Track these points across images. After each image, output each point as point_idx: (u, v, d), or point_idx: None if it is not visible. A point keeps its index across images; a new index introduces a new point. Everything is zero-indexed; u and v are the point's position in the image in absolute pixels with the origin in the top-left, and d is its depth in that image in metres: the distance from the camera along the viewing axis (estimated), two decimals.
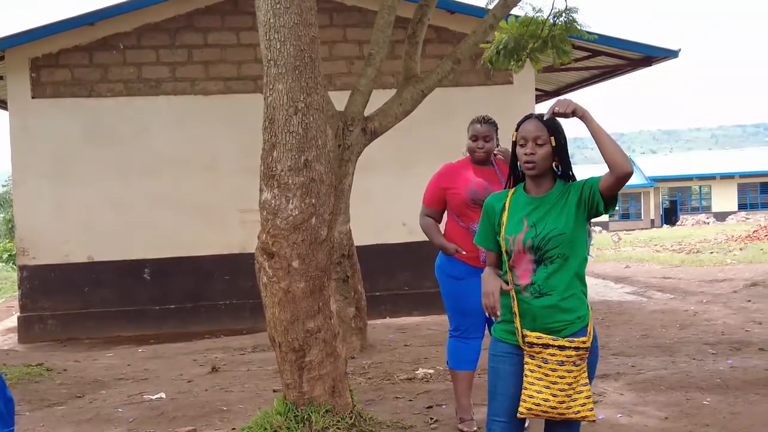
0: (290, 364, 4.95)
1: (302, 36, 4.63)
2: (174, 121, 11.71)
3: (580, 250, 3.26)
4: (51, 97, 11.45)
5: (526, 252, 3.26)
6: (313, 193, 4.73)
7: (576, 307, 3.24)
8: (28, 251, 11.46)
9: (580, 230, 3.26)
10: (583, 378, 3.20)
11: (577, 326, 3.23)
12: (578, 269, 3.26)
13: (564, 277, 3.23)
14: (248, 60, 11.81)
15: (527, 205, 3.31)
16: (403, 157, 11.81)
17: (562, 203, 3.26)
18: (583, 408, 3.19)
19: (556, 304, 3.22)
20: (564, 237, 3.21)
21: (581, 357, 3.19)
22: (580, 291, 3.27)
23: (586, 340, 3.20)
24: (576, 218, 3.23)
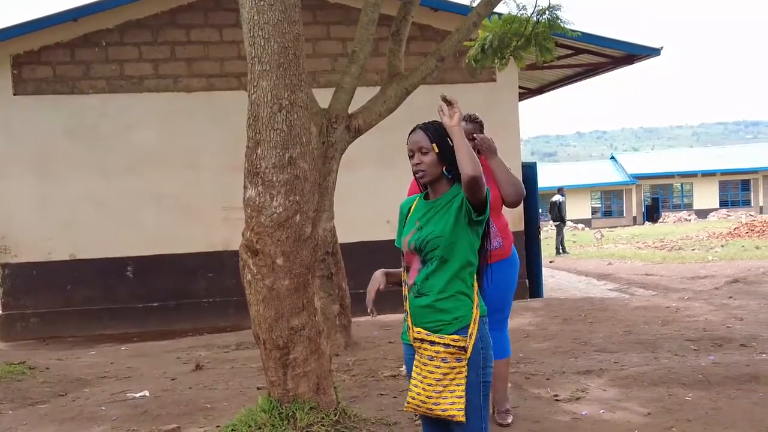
0: (275, 362, 4.95)
1: (286, 33, 4.63)
2: (157, 118, 11.66)
3: (461, 254, 3.29)
4: (33, 93, 11.38)
5: (413, 252, 3.39)
6: (298, 190, 4.73)
7: (453, 308, 3.28)
8: (9, 249, 11.39)
9: (462, 234, 3.29)
10: (458, 378, 3.22)
11: (455, 326, 3.25)
12: (459, 271, 3.30)
13: (441, 278, 3.29)
14: (231, 57, 11.78)
15: (423, 208, 3.45)
16: (387, 154, 11.82)
17: (447, 207, 3.34)
18: (452, 407, 3.21)
19: (432, 304, 3.28)
20: (441, 240, 3.28)
21: (454, 356, 3.22)
22: (461, 293, 3.30)
23: (459, 339, 3.22)
24: (456, 222, 3.29)
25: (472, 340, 3.25)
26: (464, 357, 3.23)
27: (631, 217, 52.04)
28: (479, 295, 3.37)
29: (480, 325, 3.31)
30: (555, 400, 5.75)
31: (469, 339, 3.25)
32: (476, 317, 3.30)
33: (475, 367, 3.27)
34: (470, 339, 3.25)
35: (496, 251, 5.05)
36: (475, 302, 3.33)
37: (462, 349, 3.23)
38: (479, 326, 3.30)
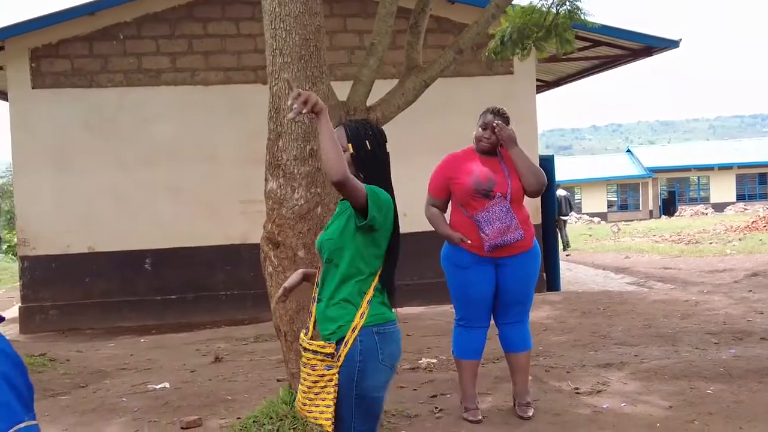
0: (296, 354, 4.96)
1: (307, 25, 4.63)
2: (174, 111, 11.69)
3: (349, 260, 3.16)
4: (51, 87, 11.42)
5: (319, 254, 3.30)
6: (319, 182, 4.73)
7: (338, 317, 3.15)
8: (29, 242, 11.45)
9: (349, 239, 3.16)
10: (329, 387, 3.11)
11: (337, 336, 3.13)
12: (347, 278, 3.16)
13: (331, 283, 3.20)
14: (248, 50, 11.79)
15: (338, 209, 3.34)
16: (404, 147, 11.77)
17: (345, 211, 3.23)
18: (321, 416, 3.12)
19: (323, 312, 3.21)
20: (331, 242, 3.19)
21: (323, 363, 3.12)
22: (346, 300, 3.16)
23: (325, 345, 3.12)
24: (345, 226, 3.18)
25: (346, 348, 3.10)
26: (335, 365, 3.10)
27: (648, 211, 51.78)
28: (372, 304, 3.17)
29: (365, 336, 3.12)
30: (576, 393, 5.73)
31: (343, 347, 3.09)
32: (357, 326, 3.12)
33: (348, 379, 3.11)
34: (344, 347, 3.09)
35: (518, 243, 5.04)
36: (360, 311, 3.15)
37: (329, 356, 3.10)
38: (362, 336, 3.11)
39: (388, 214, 3.19)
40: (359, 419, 3.15)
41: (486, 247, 5.02)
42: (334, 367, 3.10)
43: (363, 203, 3.04)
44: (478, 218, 5.03)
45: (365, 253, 3.17)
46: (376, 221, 3.10)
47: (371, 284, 3.19)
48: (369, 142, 3.21)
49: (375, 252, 3.20)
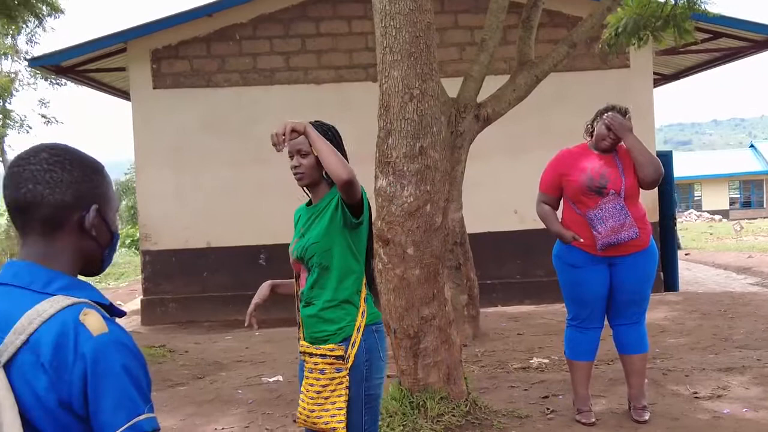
0: (405, 351, 4.97)
1: (418, 22, 4.62)
2: (287, 109, 11.84)
3: (340, 260, 3.17)
4: (171, 87, 11.80)
5: (299, 262, 3.27)
6: (428, 179, 4.72)
7: (338, 318, 3.16)
8: (150, 237, 11.89)
9: (337, 238, 3.16)
10: (339, 389, 3.11)
11: (339, 337, 3.14)
12: (341, 279, 3.17)
13: (325, 286, 3.18)
14: (359, 48, 11.88)
15: (305, 215, 3.33)
16: (515, 143, 11.66)
17: (323, 212, 3.22)
18: (333, 419, 3.09)
19: (317, 314, 3.18)
20: (318, 246, 3.16)
21: (333, 366, 3.11)
22: (345, 301, 3.17)
23: (335, 348, 3.12)
24: (329, 226, 3.17)
25: (354, 349, 3.12)
26: (344, 367, 3.11)
27: None
28: (368, 302, 3.23)
29: (367, 335, 3.17)
30: (694, 398, 5.53)
31: (351, 348, 3.12)
32: (360, 326, 3.16)
33: (357, 379, 3.13)
34: (352, 348, 3.12)
35: (633, 242, 4.90)
36: (360, 310, 3.18)
37: (340, 358, 3.11)
38: (365, 335, 3.16)
39: (368, 206, 3.23)
40: (369, 418, 3.18)
41: (599, 245, 4.90)
42: (344, 370, 3.11)
43: (359, 200, 3.09)
44: (591, 216, 4.91)
45: (355, 249, 3.20)
46: (364, 216, 3.17)
47: (363, 281, 3.23)
48: (331, 141, 3.23)
49: (362, 247, 3.24)
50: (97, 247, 1.71)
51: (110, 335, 1.55)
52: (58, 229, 1.64)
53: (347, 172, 2.98)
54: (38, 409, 1.52)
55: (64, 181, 1.63)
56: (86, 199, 1.66)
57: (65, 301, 1.56)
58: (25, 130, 25.52)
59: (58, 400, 1.52)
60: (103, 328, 1.54)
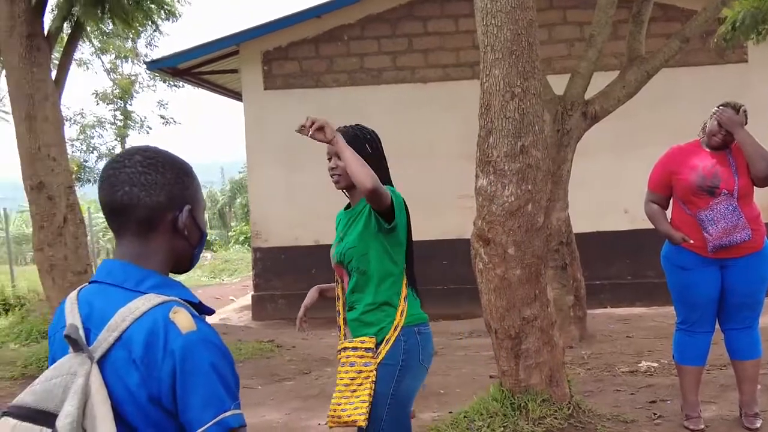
0: (506, 351, 4.93)
1: (519, 20, 4.57)
2: (394, 109, 11.96)
3: (377, 263, 3.17)
4: (281, 88, 12.05)
5: (340, 266, 3.27)
6: (530, 179, 4.67)
7: (378, 321, 3.16)
8: (261, 234, 12.17)
9: (372, 243, 3.17)
10: (366, 383, 3.08)
11: (378, 338, 3.14)
12: (380, 282, 3.17)
13: (365, 290, 3.18)
14: (466, 47, 11.83)
15: (344, 219, 3.36)
16: (625, 141, 11.38)
17: (360, 215, 3.23)
18: (355, 412, 3.07)
19: (358, 318, 3.19)
20: (355, 251, 3.17)
21: (362, 359, 3.11)
22: (385, 303, 3.17)
23: (366, 340, 3.12)
24: (364, 231, 3.18)
25: (388, 346, 3.11)
26: (373, 361, 3.09)
27: None
28: (410, 303, 3.21)
29: (408, 336, 3.14)
30: None
31: (384, 345, 3.11)
32: (399, 324, 3.14)
33: (388, 377, 3.10)
34: (385, 345, 3.11)
35: (746, 244, 4.71)
36: (399, 310, 3.16)
37: (369, 351, 3.10)
38: (406, 336, 3.13)
39: (403, 211, 3.21)
40: (389, 419, 3.12)
41: (710, 247, 4.72)
42: (372, 364, 3.10)
43: (389, 206, 3.09)
44: (702, 217, 4.74)
45: (392, 252, 3.20)
46: (398, 220, 3.16)
47: (403, 283, 3.22)
48: (368, 145, 3.26)
49: (401, 250, 3.23)
50: (188, 246, 1.77)
51: (198, 333, 1.60)
52: (152, 229, 1.71)
53: (370, 180, 2.97)
54: (130, 404, 1.59)
55: (158, 183, 1.70)
56: (179, 200, 1.73)
57: (156, 300, 1.62)
58: (145, 130, 26.53)
59: (148, 395, 1.58)
60: (192, 326, 1.60)
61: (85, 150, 25.72)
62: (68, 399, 1.53)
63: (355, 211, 3.29)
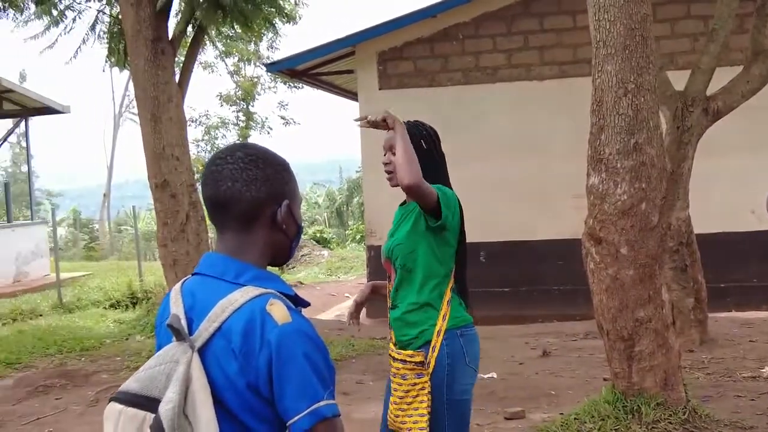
0: (619, 353, 4.84)
1: (633, 14, 4.48)
2: (509, 107, 11.87)
3: (423, 262, 3.11)
4: (396, 88, 12.14)
5: (388, 262, 3.23)
6: (643, 177, 4.56)
7: (419, 322, 3.10)
8: (375, 232, 12.30)
9: (420, 241, 3.12)
10: (421, 395, 3.04)
11: (419, 341, 3.09)
12: (424, 281, 3.12)
13: (409, 289, 3.14)
14: (584, 43, 11.55)
15: (398, 215, 3.32)
16: (752, 138, 10.91)
17: (411, 214, 3.18)
18: (415, 426, 3.02)
19: (401, 317, 3.15)
20: (402, 248, 3.14)
21: (413, 371, 3.06)
22: (428, 304, 3.11)
23: (414, 354, 3.06)
24: (414, 229, 3.13)
25: (435, 353, 3.05)
26: (425, 373, 3.04)
27: None
28: (453, 306, 3.14)
29: (450, 339, 3.08)
30: None
31: (431, 353, 3.05)
32: (441, 329, 3.07)
33: (438, 384, 3.05)
34: (432, 353, 3.05)
35: None
36: (442, 313, 3.10)
37: (420, 364, 3.05)
38: (448, 340, 3.07)
39: (456, 211, 3.16)
40: (452, 423, 3.07)
41: None
42: (425, 375, 3.05)
43: (434, 205, 3.03)
44: None
45: (439, 253, 3.14)
46: (447, 220, 3.09)
47: (448, 285, 3.15)
48: (424, 141, 3.22)
49: (448, 251, 3.17)
50: (286, 240, 1.83)
51: (293, 324, 1.66)
52: (252, 223, 1.78)
53: (409, 176, 2.96)
54: (229, 391, 1.66)
55: (259, 179, 1.76)
56: (278, 195, 1.79)
57: (254, 292, 1.69)
58: (266, 131, 27.19)
59: (246, 383, 1.65)
60: (287, 317, 1.66)
61: (209, 150, 26.58)
62: (170, 386, 1.61)
63: (407, 208, 3.28)
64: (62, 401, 7.19)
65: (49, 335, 9.93)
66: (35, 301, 13.61)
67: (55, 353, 9.08)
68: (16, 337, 10.07)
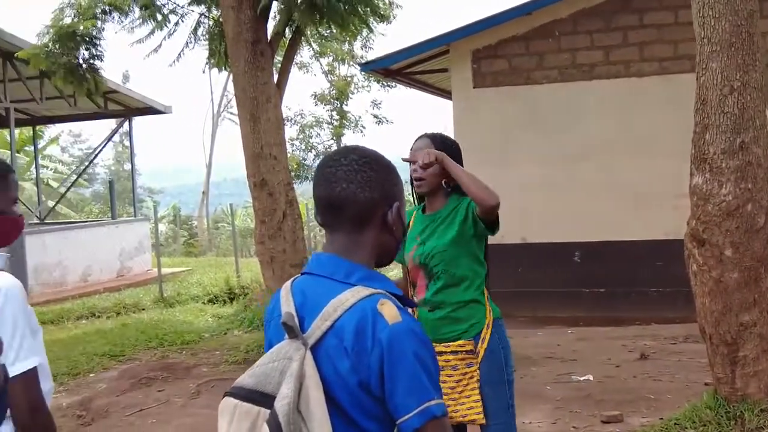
0: (722, 358, 4.72)
1: (739, 11, 4.35)
2: (606, 105, 11.66)
3: (466, 265, 3.36)
4: (490, 86, 12.07)
5: (419, 268, 3.39)
6: (749, 177, 4.43)
7: (469, 317, 3.35)
8: None
9: (465, 246, 3.35)
10: (471, 383, 3.27)
11: (470, 334, 3.33)
12: (469, 282, 3.37)
13: (454, 290, 3.34)
14: (686, 39, 11.29)
15: (422, 222, 3.45)
16: None
17: (449, 220, 3.36)
18: (471, 412, 3.26)
19: (448, 315, 3.34)
20: (446, 254, 3.32)
21: (464, 361, 3.28)
22: (473, 301, 3.37)
23: (464, 343, 3.29)
24: (459, 235, 3.32)
25: (485, 344, 3.32)
26: (475, 362, 3.29)
27: None
28: (490, 300, 3.45)
29: (497, 328, 3.39)
30: None
31: (481, 344, 3.31)
32: (489, 323, 3.37)
33: (499, 365, 3.33)
34: (482, 344, 3.32)
35: None
36: (487, 308, 3.40)
37: (470, 353, 3.29)
38: (495, 329, 3.38)
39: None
40: (511, 399, 3.38)
41: None
42: (474, 364, 3.30)
43: (497, 217, 3.31)
44: None
45: (480, 256, 3.44)
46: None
47: (486, 283, 3.45)
48: (454, 157, 3.35)
49: (483, 253, 3.47)
50: (393, 241, 1.87)
51: (403, 324, 1.69)
52: (364, 224, 1.82)
53: (494, 198, 3.21)
54: (340, 389, 1.70)
55: (372, 180, 1.80)
56: (389, 197, 1.83)
57: (365, 291, 1.73)
58: (359, 130, 27.43)
59: (358, 381, 1.69)
60: (398, 317, 1.69)
61: (303, 149, 26.97)
62: (285, 382, 1.66)
63: (439, 216, 3.44)
64: (164, 393, 7.44)
65: (151, 329, 10.28)
66: (138, 296, 14.11)
67: (156, 346, 9.39)
68: (120, 330, 10.47)
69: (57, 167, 30.80)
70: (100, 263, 16.12)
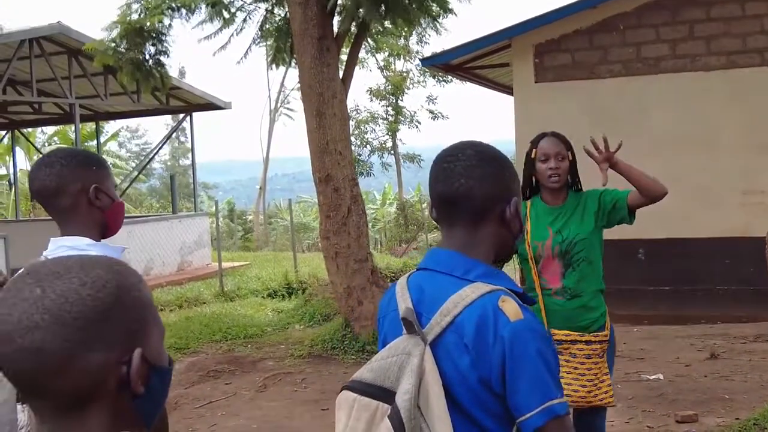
0: None
1: None
2: (672, 99, 11.46)
3: (598, 254, 3.63)
4: (552, 80, 11.95)
5: (555, 257, 3.57)
6: None
7: (599, 305, 3.60)
8: None
9: (597, 236, 3.63)
10: (605, 368, 3.54)
11: (600, 322, 3.58)
12: (599, 271, 3.64)
13: (591, 279, 3.58)
14: (754, 32, 11.07)
15: (549, 214, 3.65)
16: None
17: (581, 211, 3.62)
18: (606, 395, 3.52)
19: (586, 304, 3.56)
20: (586, 242, 3.56)
21: (597, 351, 3.52)
22: (600, 290, 3.63)
23: (599, 335, 3.54)
24: (595, 224, 3.61)
25: (608, 331, 3.60)
26: (604, 351, 3.54)
27: None
28: None
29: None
30: None
31: (608, 332, 3.59)
32: (606, 310, 3.65)
33: (612, 353, 3.65)
34: (608, 331, 3.59)
35: None
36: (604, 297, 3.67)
37: (602, 342, 3.52)
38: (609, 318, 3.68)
39: None
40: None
41: None
42: (604, 354, 3.55)
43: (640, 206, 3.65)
44: None
45: (602, 246, 3.71)
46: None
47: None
48: (571, 153, 3.69)
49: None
50: (510, 237, 1.85)
51: (525, 321, 1.67)
52: (482, 220, 1.80)
53: (663, 188, 3.70)
54: (460, 385, 1.68)
55: (490, 176, 1.79)
56: (507, 193, 1.81)
57: (485, 288, 1.71)
58: (414, 125, 27.38)
59: (478, 377, 1.67)
60: (519, 314, 1.67)
61: (359, 144, 27.03)
62: (404, 377, 1.65)
63: (566, 208, 3.67)
64: (232, 386, 7.52)
65: (214, 322, 10.39)
66: (199, 289, 14.28)
67: (220, 339, 9.49)
68: (184, 323, 10.60)
69: (116, 162, 31.34)
70: (161, 257, 16.36)
